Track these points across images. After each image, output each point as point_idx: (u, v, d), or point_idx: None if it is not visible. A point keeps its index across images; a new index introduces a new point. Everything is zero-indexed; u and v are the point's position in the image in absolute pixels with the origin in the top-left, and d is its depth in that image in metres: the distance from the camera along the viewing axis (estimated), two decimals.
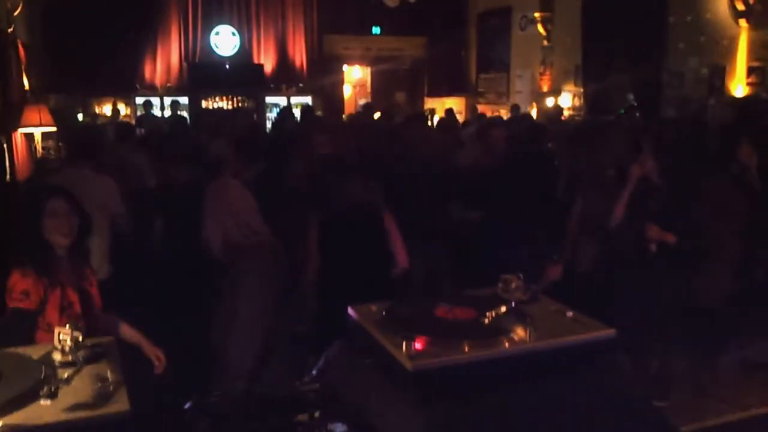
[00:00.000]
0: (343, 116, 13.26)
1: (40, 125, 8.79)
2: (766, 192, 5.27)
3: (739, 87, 9.18)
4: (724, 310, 4.32)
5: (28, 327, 2.59)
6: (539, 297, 2.61)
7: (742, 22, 9.05)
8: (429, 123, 13.77)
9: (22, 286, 2.59)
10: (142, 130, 9.68)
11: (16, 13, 9.27)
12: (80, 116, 12.11)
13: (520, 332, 2.26)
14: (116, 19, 12.10)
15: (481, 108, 14.37)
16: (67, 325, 2.15)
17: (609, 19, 11.01)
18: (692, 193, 4.70)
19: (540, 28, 12.80)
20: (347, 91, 16.12)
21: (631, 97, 11.02)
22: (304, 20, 14.47)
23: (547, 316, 2.43)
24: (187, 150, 5.07)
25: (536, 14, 12.77)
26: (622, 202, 4.04)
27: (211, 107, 13.23)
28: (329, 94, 14.71)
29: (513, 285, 2.52)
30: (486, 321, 2.31)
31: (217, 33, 13.72)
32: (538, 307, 2.51)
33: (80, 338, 2.14)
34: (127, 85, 12.98)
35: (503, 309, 2.37)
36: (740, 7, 8.97)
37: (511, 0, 13.89)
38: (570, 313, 2.44)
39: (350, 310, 2.51)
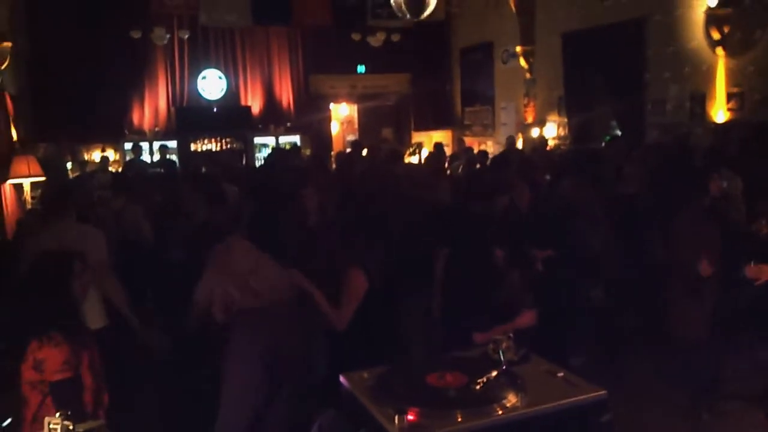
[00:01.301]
0: (332, 153, 13.35)
1: (29, 175, 8.84)
2: (751, 213, 5.39)
3: (719, 112, 9.32)
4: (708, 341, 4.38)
5: (77, 395, 2.58)
6: (530, 357, 2.63)
7: (719, 50, 9.22)
8: (417, 157, 13.98)
9: (61, 357, 2.56)
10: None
11: (3, 67, 9.37)
12: (69, 164, 12.10)
13: (511, 398, 2.27)
14: (103, 66, 12.22)
15: (468, 140, 14.52)
16: (58, 414, 2.15)
17: (589, 50, 11.23)
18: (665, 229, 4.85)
19: (522, 61, 12.99)
20: (335, 127, 16.25)
21: (614, 124, 11.19)
22: (290, 62, 14.62)
23: (537, 378, 2.45)
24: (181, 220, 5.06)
25: (517, 48, 12.96)
26: None
27: (199, 149, 13.31)
28: (317, 132, 14.82)
29: (503, 345, 2.54)
30: (477, 387, 2.33)
31: (204, 77, 13.83)
32: (529, 368, 2.53)
33: (71, 427, 2.14)
34: (116, 130, 13.02)
35: (494, 374, 2.39)
36: (715, 36, 9.15)
37: (492, 35, 14.11)
38: (560, 374, 2.47)
39: (342, 378, 2.52)
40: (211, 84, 13.89)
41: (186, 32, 13.09)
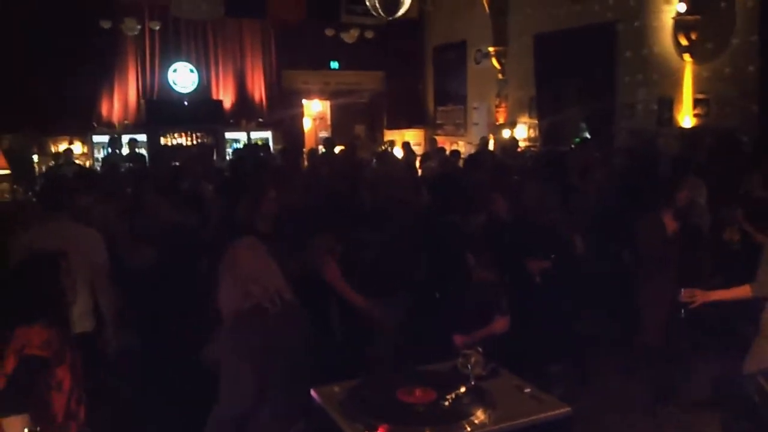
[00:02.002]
0: (304, 150, 13.29)
1: None
2: (715, 220, 5.50)
3: (686, 118, 9.50)
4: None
5: (42, 377, 2.54)
6: (499, 371, 2.67)
7: (686, 57, 9.39)
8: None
9: (43, 336, 2.54)
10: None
11: None
12: (35, 157, 11.88)
13: (480, 415, 2.31)
14: (72, 56, 11.99)
15: (439, 140, 14.58)
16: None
17: (561, 52, 11.34)
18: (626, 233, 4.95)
19: (494, 61, 13.08)
20: (307, 124, 16.17)
21: (584, 127, 11.33)
22: (263, 56, 14.50)
23: (506, 393, 2.49)
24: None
25: (490, 48, 13.04)
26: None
27: (169, 144, 13.14)
28: (289, 128, 14.74)
29: (472, 360, 2.58)
30: (446, 404, 2.36)
31: (174, 70, 13.65)
32: (498, 383, 2.57)
33: None
34: (84, 122, 12.80)
35: (462, 389, 2.43)
36: (683, 42, 9.31)
37: (465, 34, 14.17)
38: (528, 389, 2.51)
39: (313, 392, 2.53)
40: (183, 77, 13.73)
41: (157, 23, 12.91)
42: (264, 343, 2.54)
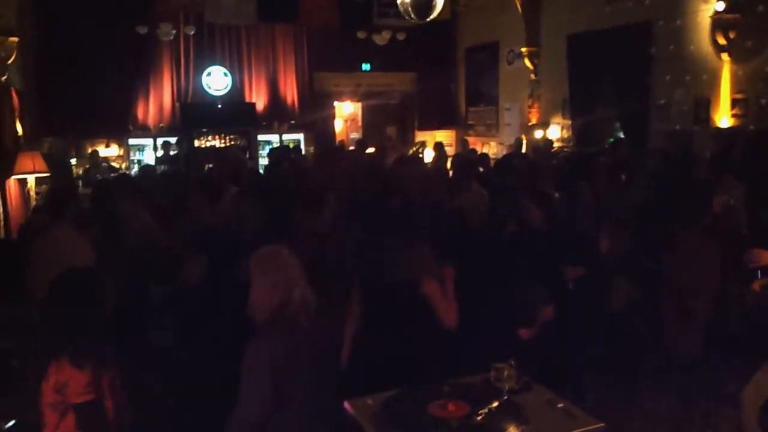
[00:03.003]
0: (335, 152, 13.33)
1: (34, 171, 8.89)
2: (753, 220, 5.39)
3: (723, 118, 9.32)
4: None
5: (100, 418, 2.56)
6: (531, 386, 2.66)
7: (724, 56, 9.20)
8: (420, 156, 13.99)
9: (84, 379, 2.53)
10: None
11: (10, 61, 9.38)
12: (74, 160, 12.16)
13: (513, 430, 2.32)
14: (109, 61, 12.23)
15: (471, 140, 14.52)
16: None
17: (594, 52, 11.21)
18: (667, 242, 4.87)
19: (527, 62, 12.99)
20: (338, 125, 16.25)
21: (618, 127, 11.19)
22: (295, 59, 14.62)
23: (538, 408, 2.48)
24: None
25: (523, 49, 12.96)
26: None
27: (203, 146, 13.33)
28: (321, 130, 14.83)
29: (505, 374, 2.58)
30: (479, 418, 2.37)
31: (209, 74, 13.84)
32: (530, 397, 2.57)
33: None
34: (120, 125, 13.07)
35: (495, 404, 2.43)
36: (721, 41, 9.13)
37: (498, 35, 14.09)
38: (561, 404, 2.50)
39: (347, 405, 2.56)
40: (216, 80, 13.91)
41: (192, 28, 13.10)
42: (290, 350, 2.57)
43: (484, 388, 2.57)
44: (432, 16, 7.45)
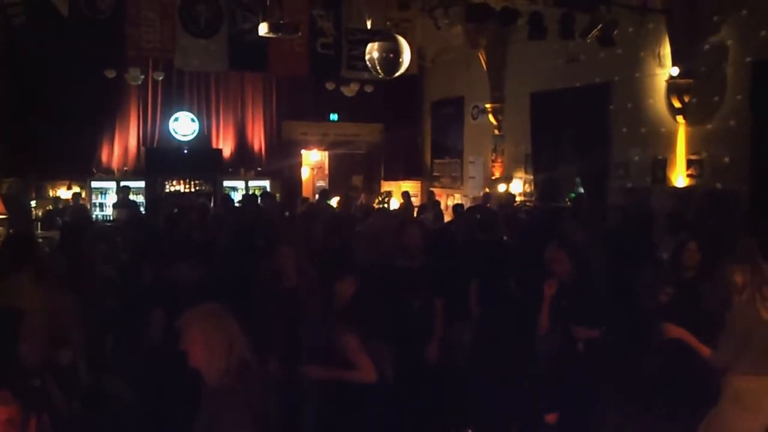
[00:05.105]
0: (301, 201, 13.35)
1: None
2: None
3: (680, 178, 9.62)
4: None
5: None
6: None
7: (679, 118, 9.57)
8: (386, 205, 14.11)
9: (4, 414, 2.41)
10: None
11: None
12: (33, 202, 11.94)
13: None
14: (75, 103, 12.21)
15: (436, 192, 14.73)
16: None
17: (556, 110, 11.59)
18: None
19: (491, 117, 13.31)
20: (305, 173, 16.32)
21: (578, 183, 11.46)
22: (264, 106, 14.77)
23: None
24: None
25: (487, 105, 13.30)
26: (543, 315, 4.23)
27: (167, 191, 13.23)
28: (287, 178, 14.89)
29: None
30: None
31: (176, 119, 13.84)
32: None
33: None
34: (83, 168, 12.94)
35: None
36: (676, 104, 9.51)
37: (463, 90, 14.45)
38: None
39: None
40: (183, 125, 13.91)
41: (161, 74, 13.15)
42: (261, 399, 2.58)
43: None
44: (398, 73, 7.64)
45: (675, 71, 9.41)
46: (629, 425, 5.09)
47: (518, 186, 12.87)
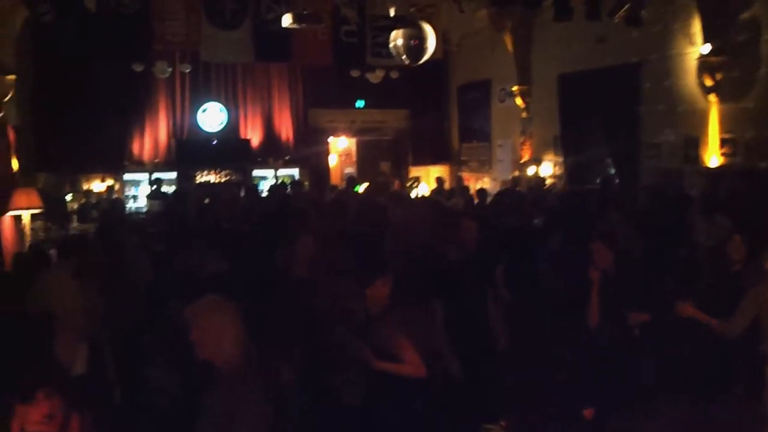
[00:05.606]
0: (329, 185, 13.42)
1: (29, 207, 8.87)
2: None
3: (713, 157, 9.43)
4: None
5: None
6: None
7: (711, 97, 9.36)
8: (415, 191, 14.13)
9: (44, 410, 2.40)
10: None
11: (6, 99, 9.46)
12: (69, 196, 12.18)
13: None
14: (105, 98, 12.39)
15: (465, 176, 14.67)
16: None
17: (585, 91, 11.39)
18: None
19: (518, 100, 13.17)
20: (333, 160, 16.38)
21: (610, 165, 11.30)
22: (290, 96, 14.84)
23: None
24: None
25: (514, 87, 13.15)
26: (593, 305, 4.23)
27: (198, 181, 13.42)
28: (315, 165, 14.95)
29: None
30: None
31: (204, 110, 13.98)
32: None
33: None
34: (116, 161, 13.16)
35: None
36: (708, 82, 9.29)
37: (490, 73, 14.31)
38: None
39: None
40: (212, 116, 14.04)
41: (188, 66, 13.26)
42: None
43: None
44: (424, 59, 7.58)
45: (706, 49, 9.20)
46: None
47: (548, 168, 12.74)
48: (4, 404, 2.52)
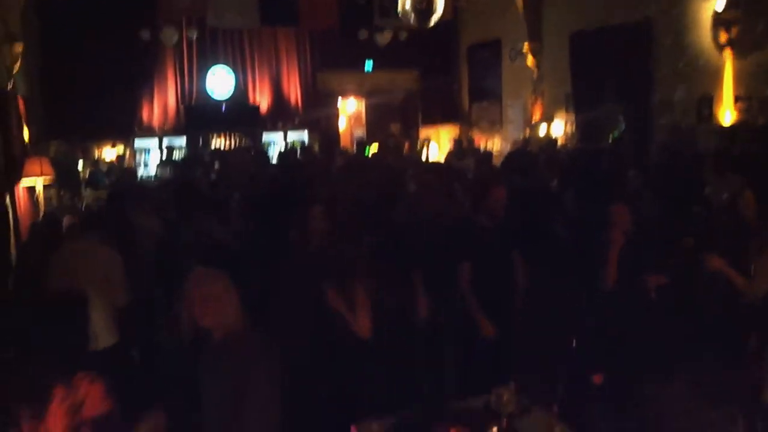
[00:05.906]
0: (339, 148, 13.37)
1: (41, 175, 8.95)
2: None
3: (727, 114, 9.32)
4: None
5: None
6: (530, 409, 2.74)
7: (726, 53, 9.20)
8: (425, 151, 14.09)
9: (101, 390, 2.37)
10: None
11: (15, 70, 9.46)
12: (80, 162, 12.23)
13: None
14: (113, 65, 12.32)
15: (476, 136, 14.57)
16: None
17: (596, 49, 11.22)
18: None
19: (529, 58, 12.99)
20: (343, 123, 16.31)
21: (622, 122, 11.19)
22: (298, 59, 14.73)
23: None
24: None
25: (525, 45, 12.96)
26: (611, 266, 4.22)
27: (212, 148, 13.41)
28: (325, 128, 14.91)
29: (504, 398, 2.65)
30: None
31: (213, 74, 13.91)
32: (530, 422, 2.65)
33: None
34: (126, 128, 13.18)
35: (494, 429, 2.52)
36: (723, 38, 9.13)
37: (499, 32, 14.09)
38: (557, 429, 2.59)
39: (353, 429, 2.65)
40: (220, 80, 13.97)
41: (195, 32, 13.15)
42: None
43: (484, 412, 2.65)
44: (433, 21, 7.45)
45: (721, 5, 9.01)
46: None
47: (560, 127, 12.62)
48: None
